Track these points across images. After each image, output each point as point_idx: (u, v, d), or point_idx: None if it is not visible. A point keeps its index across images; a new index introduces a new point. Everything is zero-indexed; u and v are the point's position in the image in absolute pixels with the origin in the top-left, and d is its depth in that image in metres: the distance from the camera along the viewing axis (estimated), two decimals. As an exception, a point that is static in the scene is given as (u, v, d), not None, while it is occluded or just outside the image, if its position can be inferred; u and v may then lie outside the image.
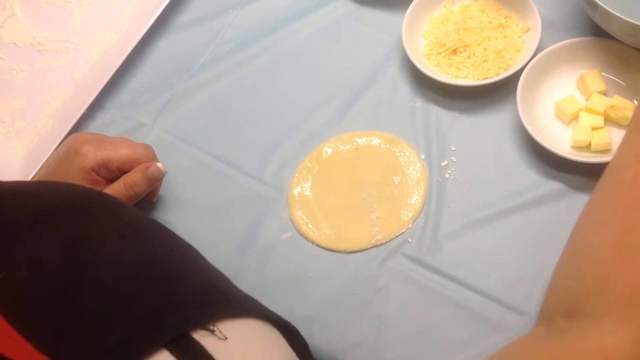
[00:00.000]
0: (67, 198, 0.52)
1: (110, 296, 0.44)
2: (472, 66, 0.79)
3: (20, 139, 0.89)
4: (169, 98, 0.88)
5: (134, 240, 0.50)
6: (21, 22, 0.97)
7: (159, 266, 0.49)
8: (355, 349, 0.68)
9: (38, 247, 0.46)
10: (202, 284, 0.50)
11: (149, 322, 0.43)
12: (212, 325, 0.43)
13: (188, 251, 0.56)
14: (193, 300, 0.46)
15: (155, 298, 0.45)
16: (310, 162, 0.79)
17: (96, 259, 0.46)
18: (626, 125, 0.72)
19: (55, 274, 0.44)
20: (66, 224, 0.48)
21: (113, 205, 0.55)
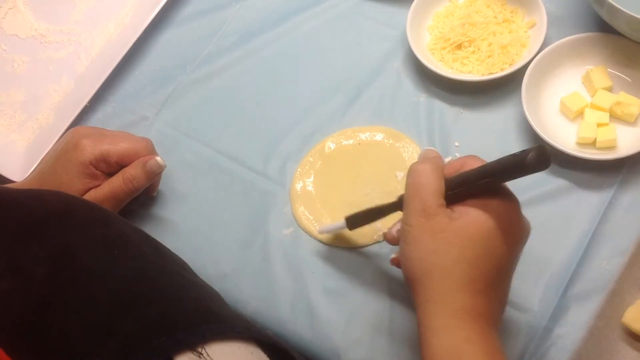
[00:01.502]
0: (54, 209, 0.51)
1: (97, 312, 0.43)
2: (477, 61, 0.78)
3: (22, 131, 0.88)
4: (172, 91, 0.88)
5: (122, 253, 0.49)
6: (23, 14, 0.97)
7: (147, 282, 0.48)
8: (358, 344, 0.67)
9: (23, 258, 0.45)
10: (191, 303, 0.49)
11: (136, 343, 0.42)
12: (200, 347, 0.43)
13: (177, 266, 0.55)
14: (181, 321, 0.45)
15: (142, 317, 0.44)
16: (312, 157, 0.78)
17: (83, 273, 0.45)
18: (632, 121, 0.71)
19: (40, 286, 0.43)
20: (53, 236, 0.47)
21: (101, 217, 0.53)
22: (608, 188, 0.69)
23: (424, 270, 0.54)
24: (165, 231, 0.77)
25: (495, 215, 0.53)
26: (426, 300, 0.53)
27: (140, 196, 0.75)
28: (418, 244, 0.54)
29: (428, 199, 0.54)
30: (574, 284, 0.66)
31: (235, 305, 0.71)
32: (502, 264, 0.53)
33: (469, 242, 0.52)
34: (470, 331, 0.51)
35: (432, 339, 0.52)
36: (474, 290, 0.52)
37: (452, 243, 0.53)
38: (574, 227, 0.69)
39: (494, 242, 0.53)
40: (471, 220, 0.53)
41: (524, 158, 0.49)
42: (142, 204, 0.79)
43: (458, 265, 0.52)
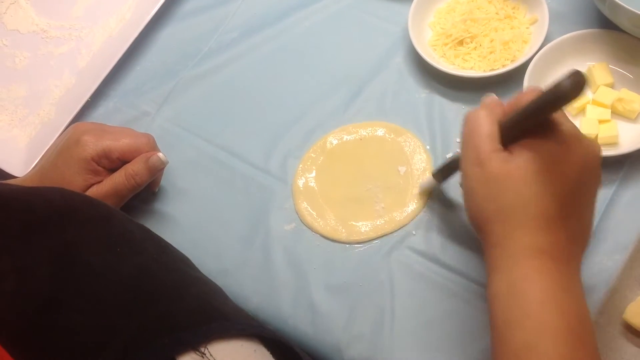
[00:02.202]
0: (57, 207, 0.50)
1: (100, 312, 0.43)
2: (479, 57, 0.78)
3: (23, 126, 0.88)
4: (173, 87, 0.88)
5: (125, 251, 0.49)
6: (24, 9, 0.96)
7: (150, 280, 0.48)
8: (359, 340, 0.67)
9: (26, 257, 0.45)
10: (194, 300, 0.49)
11: (140, 343, 0.42)
12: (203, 347, 0.43)
13: (181, 262, 0.55)
14: (185, 319, 0.45)
15: (145, 316, 0.44)
16: (314, 152, 0.78)
17: (86, 271, 0.45)
18: (633, 118, 0.71)
19: (43, 286, 0.43)
20: (56, 234, 0.47)
21: (104, 214, 0.53)
22: (609, 185, 0.70)
23: (483, 218, 0.54)
24: (167, 227, 0.77)
25: (545, 154, 0.52)
26: (489, 246, 0.53)
27: (142, 192, 0.75)
28: (475, 193, 0.54)
29: (481, 145, 0.53)
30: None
31: (237, 300, 0.71)
32: (562, 197, 0.51)
33: (522, 183, 0.52)
34: (529, 269, 0.50)
35: (492, 280, 0.52)
36: (533, 227, 0.51)
37: (506, 187, 0.52)
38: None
39: (549, 179, 0.51)
40: (521, 162, 0.52)
41: (560, 85, 0.48)
42: (144, 199, 0.79)
43: (514, 208, 0.52)
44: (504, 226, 0.52)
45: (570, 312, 0.50)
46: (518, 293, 0.50)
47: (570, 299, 0.50)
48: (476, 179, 0.54)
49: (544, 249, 0.51)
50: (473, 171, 0.54)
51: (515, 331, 0.49)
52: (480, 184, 0.53)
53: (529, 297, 0.50)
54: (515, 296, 0.50)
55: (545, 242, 0.51)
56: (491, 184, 0.53)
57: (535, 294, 0.50)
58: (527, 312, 0.49)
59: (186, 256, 0.57)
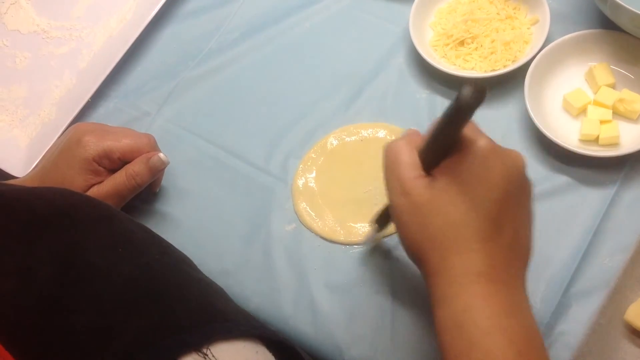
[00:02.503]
0: (59, 207, 0.50)
1: (102, 313, 0.43)
2: (480, 58, 0.78)
3: (24, 127, 0.88)
4: (174, 87, 0.88)
5: (128, 251, 0.49)
6: (25, 9, 0.96)
7: (152, 280, 0.48)
8: (359, 340, 0.67)
9: (28, 258, 0.44)
10: (196, 301, 0.49)
11: (142, 344, 0.42)
12: (205, 348, 0.43)
13: (182, 263, 0.55)
14: (187, 320, 0.45)
15: (148, 317, 0.44)
16: (315, 153, 0.78)
17: (88, 272, 0.45)
18: (634, 119, 0.71)
19: (45, 286, 0.43)
20: (57, 235, 0.47)
21: (106, 214, 0.53)
22: (611, 185, 0.69)
23: (417, 248, 0.53)
24: (167, 227, 0.77)
25: (464, 173, 0.51)
26: (428, 275, 0.52)
27: (143, 192, 0.75)
28: (405, 224, 0.53)
29: (403, 174, 0.53)
30: (576, 281, 0.66)
31: (238, 301, 0.70)
32: (491, 213, 0.50)
33: (448, 206, 0.51)
34: (470, 297, 0.49)
35: (437, 312, 0.51)
36: (467, 250, 0.50)
37: (434, 213, 0.51)
38: (576, 224, 0.69)
39: (473, 198, 0.50)
40: (443, 185, 0.51)
41: (459, 96, 0.47)
42: (145, 200, 0.79)
43: (445, 233, 0.51)
44: (439, 253, 0.51)
45: (518, 337, 0.49)
46: (463, 325, 0.49)
47: (516, 323, 0.49)
48: (404, 210, 0.53)
49: (482, 271, 0.50)
50: (399, 202, 0.53)
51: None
52: (408, 214, 0.52)
53: (473, 327, 0.49)
54: (460, 328, 0.49)
55: (483, 265, 0.50)
56: (418, 212, 0.52)
57: (480, 323, 0.49)
58: (473, 343, 0.48)
59: (187, 257, 0.57)
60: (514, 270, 0.52)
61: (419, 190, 0.52)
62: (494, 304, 0.49)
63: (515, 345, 0.48)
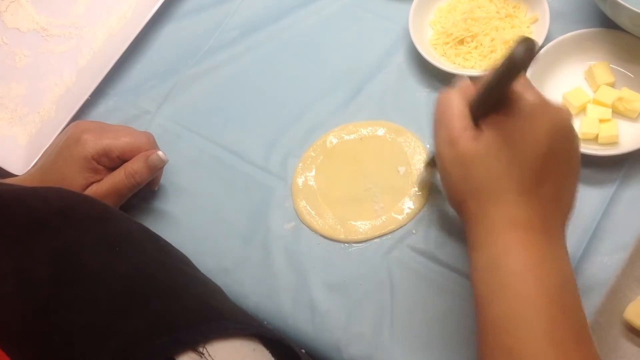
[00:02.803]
0: (56, 207, 0.50)
1: (100, 312, 0.43)
2: (480, 56, 0.78)
3: (23, 125, 0.88)
4: (173, 85, 0.88)
5: (125, 250, 0.49)
6: (25, 8, 0.96)
7: (149, 280, 0.48)
8: (358, 339, 0.67)
9: (25, 259, 0.44)
10: (193, 300, 0.49)
11: (138, 343, 0.42)
12: (201, 347, 0.43)
13: (180, 262, 0.55)
14: (183, 319, 0.45)
15: (143, 316, 0.44)
16: (314, 151, 0.78)
17: (85, 272, 0.45)
18: (634, 117, 0.71)
19: (42, 287, 0.43)
20: (55, 235, 0.47)
21: (103, 214, 0.53)
22: (610, 184, 0.69)
23: (459, 198, 0.55)
24: (166, 225, 0.77)
25: (509, 128, 0.52)
26: (467, 224, 0.54)
27: (142, 190, 0.75)
28: (449, 173, 0.55)
29: (452, 125, 0.54)
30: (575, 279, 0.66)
31: (236, 299, 0.71)
32: (533, 167, 0.51)
33: (491, 159, 0.52)
34: (506, 242, 0.51)
35: (472, 257, 0.53)
36: (507, 201, 0.52)
37: (477, 165, 0.53)
38: (575, 222, 0.68)
39: (516, 151, 0.51)
40: (489, 138, 0.52)
41: (512, 53, 0.48)
42: (144, 198, 0.79)
43: (486, 185, 0.52)
44: (479, 203, 0.53)
45: (549, 282, 0.50)
46: (497, 267, 0.51)
47: (549, 269, 0.51)
48: (449, 159, 0.54)
49: (520, 221, 0.51)
50: (446, 151, 0.55)
51: (494, 303, 0.50)
52: (454, 164, 0.54)
53: (508, 270, 0.50)
54: (494, 270, 0.51)
55: (522, 215, 0.52)
56: (463, 163, 0.53)
57: (514, 266, 0.50)
58: (505, 285, 0.50)
59: (185, 255, 0.57)
60: (553, 222, 0.53)
61: (465, 141, 0.53)
62: (529, 251, 0.51)
63: (546, 289, 0.49)
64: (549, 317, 0.49)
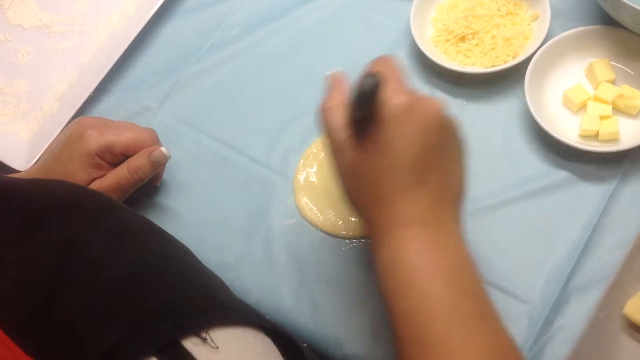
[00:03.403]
0: (60, 199, 0.51)
1: (102, 299, 0.43)
2: (480, 53, 0.78)
3: (26, 121, 0.89)
4: (175, 82, 0.88)
5: (128, 242, 0.50)
6: (27, 4, 0.97)
7: (152, 270, 0.48)
8: (360, 333, 0.68)
9: (29, 249, 0.45)
10: (196, 289, 0.50)
11: (141, 328, 0.42)
12: (204, 333, 0.43)
13: (183, 254, 0.55)
14: (186, 307, 0.46)
15: (147, 303, 0.45)
16: (315, 148, 0.79)
17: (89, 261, 0.46)
18: (634, 114, 0.71)
19: (45, 276, 0.43)
20: (58, 226, 0.47)
21: (107, 206, 0.54)
22: (610, 180, 0.70)
23: (355, 204, 0.57)
24: (168, 221, 0.78)
25: (381, 136, 0.53)
26: (366, 227, 0.56)
27: (145, 186, 0.76)
28: (342, 184, 0.57)
29: (333, 136, 0.56)
30: (575, 275, 0.66)
31: (238, 294, 0.70)
32: (412, 167, 0.52)
33: (369, 166, 0.53)
34: (398, 240, 0.52)
35: (374, 258, 0.54)
36: (392, 203, 0.53)
37: (360, 173, 0.54)
38: (575, 219, 0.69)
39: (391, 156, 0.53)
40: (367, 145, 0.53)
41: (359, 86, 0.51)
42: (146, 193, 0.79)
43: (371, 189, 0.54)
44: (370, 209, 0.55)
45: (444, 269, 0.51)
46: (393, 266, 0.52)
47: (442, 256, 0.52)
48: (340, 169, 0.56)
49: (409, 219, 0.53)
50: (335, 161, 0.56)
51: (397, 300, 0.52)
52: (343, 174, 0.56)
53: (404, 266, 0.52)
54: (392, 269, 0.52)
55: (409, 213, 0.53)
56: (350, 172, 0.55)
57: (408, 262, 0.52)
58: (404, 281, 0.51)
59: (188, 248, 0.58)
60: (443, 211, 0.54)
61: (348, 151, 0.55)
62: (420, 243, 0.52)
63: (441, 276, 0.51)
64: (449, 302, 0.50)
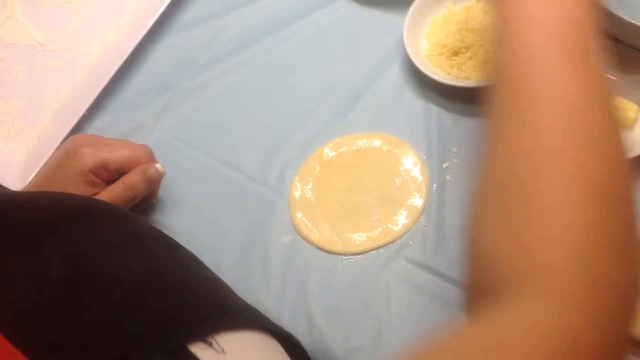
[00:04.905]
0: (68, 208, 0.51)
1: (111, 309, 0.44)
2: (474, 67, 0.78)
3: (20, 140, 0.88)
4: (170, 99, 0.88)
5: (137, 250, 0.50)
6: (21, 23, 0.97)
7: (160, 277, 0.48)
8: (357, 351, 0.67)
9: (38, 259, 0.45)
10: (203, 295, 0.50)
11: (148, 334, 0.42)
12: (210, 338, 0.43)
13: (190, 261, 0.55)
14: (193, 313, 0.46)
15: (155, 310, 0.45)
16: (311, 163, 0.78)
17: (98, 271, 0.46)
18: (628, 126, 0.71)
19: (55, 287, 0.44)
20: (67, 235, 0.48)
21: (115, 214, 0.54)
22: (605, 193, 0.69)
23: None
24: (164, 239, 0.77)
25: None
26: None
27: (140, 203, 0.76)
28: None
29: None
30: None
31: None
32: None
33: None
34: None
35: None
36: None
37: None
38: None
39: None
40: None
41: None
42: (142, 210, 0.79)
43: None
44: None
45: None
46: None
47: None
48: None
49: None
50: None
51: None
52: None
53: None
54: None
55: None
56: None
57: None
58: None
59: (196, 256, 0.58)
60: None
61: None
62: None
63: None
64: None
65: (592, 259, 0.41)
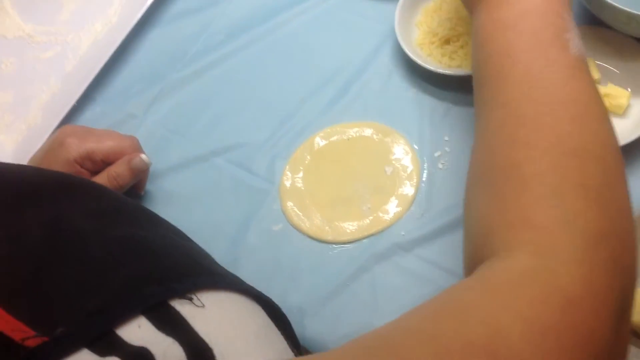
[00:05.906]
0: (51, 179, 0.52)
1: (91, 267, 0.44)
2: (465, 55, 0.78)
3: (10, 132, 0.88)
4: (160, 90, 0.87)
5: (117, 218, 0.50)
6: (10, 15, 0.96)
7: (141, 242, 0.49)
8: (347, 339, 0.67)
9: (18, 224, 0.46)
10: (184, 259, 0.50)
11: (129, 290, 0.43)
12: (191, 294, 0.44)
13: (171, 232, 0.56)
14: (174, 273, 0.46)
15: (135, 270, 0.45)
16: (301, 153, 0.78)
17: (77, 234, 0.46)
18: (620, 113, 0.71)
19: (35, 247, 0.44)
20: (48, 203, 0.48)
21: (98, 187, 0.55)
22: (597, 180, 0.69)
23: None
24: (154, 230, 0.77)
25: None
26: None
27: (129, 194, 0.75)
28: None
29: None
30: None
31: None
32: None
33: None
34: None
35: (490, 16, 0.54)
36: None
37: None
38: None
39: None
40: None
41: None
42: (131, 202, 0.78)
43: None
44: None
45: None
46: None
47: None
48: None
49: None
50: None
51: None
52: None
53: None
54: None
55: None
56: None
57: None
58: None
59: (181, 230, 0.58)
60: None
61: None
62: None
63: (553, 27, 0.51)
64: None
65: (578, 215, 0.42)
